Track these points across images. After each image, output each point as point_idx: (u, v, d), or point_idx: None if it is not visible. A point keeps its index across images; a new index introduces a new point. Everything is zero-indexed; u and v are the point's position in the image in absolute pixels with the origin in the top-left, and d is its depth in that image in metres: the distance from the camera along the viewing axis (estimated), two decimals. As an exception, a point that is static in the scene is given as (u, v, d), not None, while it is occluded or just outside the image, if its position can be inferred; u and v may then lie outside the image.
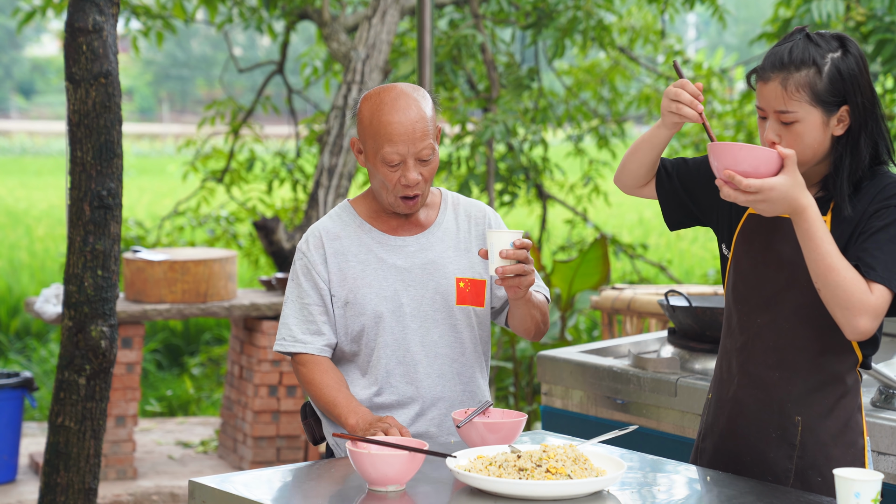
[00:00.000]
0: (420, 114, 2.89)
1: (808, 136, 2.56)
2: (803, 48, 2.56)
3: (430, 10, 4.93)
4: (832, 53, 2.56)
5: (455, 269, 3.00)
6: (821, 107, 2.55)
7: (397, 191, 2.92)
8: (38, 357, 9.05)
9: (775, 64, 2.57)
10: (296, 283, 3.01)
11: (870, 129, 2.59)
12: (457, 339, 3.00)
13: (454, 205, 3.09)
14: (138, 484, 5.94)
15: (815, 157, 2.60)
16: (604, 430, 3.36)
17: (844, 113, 2.57)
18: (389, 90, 2.92)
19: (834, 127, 2.58)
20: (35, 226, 14.35)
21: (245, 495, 2.49)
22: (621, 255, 9.07)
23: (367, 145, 2.93)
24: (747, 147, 2.46)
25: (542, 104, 8.45)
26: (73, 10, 3.81)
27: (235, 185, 9.01)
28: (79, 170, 3.85)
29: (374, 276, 2.97)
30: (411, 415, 2.97)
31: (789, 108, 2.55)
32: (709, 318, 3.70)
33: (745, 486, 2.61)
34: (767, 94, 2.58)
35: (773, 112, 2.57)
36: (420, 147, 2.89)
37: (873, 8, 6.53)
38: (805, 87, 2.54)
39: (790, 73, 2.54)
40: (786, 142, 2.57)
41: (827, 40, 2.58)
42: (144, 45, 12.20)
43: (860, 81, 2.57)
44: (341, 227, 3.02)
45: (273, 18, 8.34)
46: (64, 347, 3.91)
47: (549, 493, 2.41)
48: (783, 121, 2.56)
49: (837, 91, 2.55)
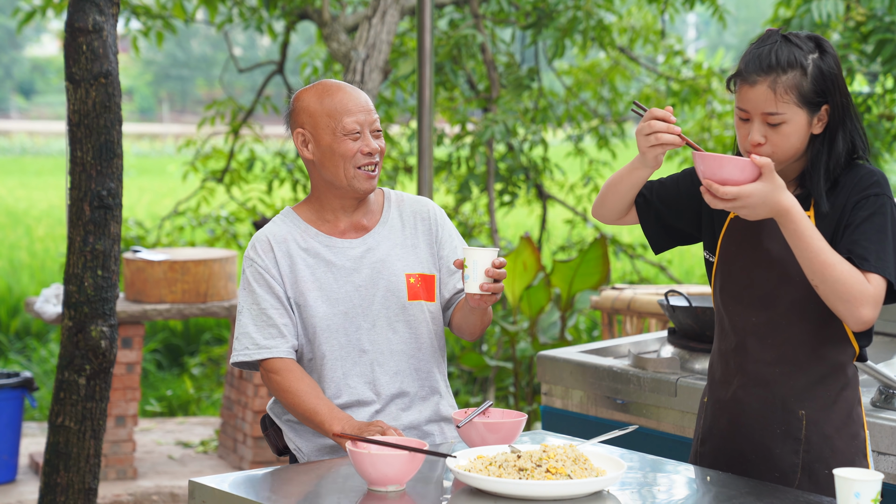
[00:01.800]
0: (361, 91, 3.01)
1: (794, 136, 2.61)
2: (788, 51, 2.59)
3: (430, 10, 4.93)
4: (812, 54, 2.60)
5: (403, 265, 3.02)
6: (806, 107, 2.59)
7: (357, 160, 2.96)
8: (38, 357, 9.05)
9: (763, 67, 2.59)
10: (248, 291, 2.98)
11: (847, 127, 2.64)
12: (412, 335, 3.01)
13: (398, 202, 3.11)
14: (138, 484, 5.94)
15: (796, 155, 2.64)
16: (604, 430, 3.36)
17: (824, 112, 2.62)
18: (325, 81, 3.03)
19: (814, 126, 2.62)
20: (35, 226, 14.35)
21: (245, 495, 2.49)
22: (621, 255, 9.07)
23: (321, 126, 2.97)
24: (724, 157, 2.51)
25: (542, 104, 8.45)
26: (73, 10, 3.81)
27: (235, 185, 9.01)
28: (79, 170, 3.85)
29: (323, 279, 2.98)
30: (370, 413, 2.98)
31: (778, 110, 2.58)
32: (709, 318, 3.70)
33: (744, 485, 2.61)
34: (754, 97, 2.60)
35: (759, 114, 2.60)
36: (373, 118, 2.99)
37: (873, 8, 6.54)
38: (793, 89, 2.58)
39: (778, 76, 2.57)
40: (771, 142, 2.60)
41: (804, 41, 2.62)
42: (144, 45, 12.20)
43: (838, 81, 2.62)
44: (287, 231, 3.02)
45: (273, 18, 8.33)
46: (64, 347, 3.91)
47: (549, 493, 2.41)
48: (771, 122, 2.59)
49: (820, 91, 2.60)
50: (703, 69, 8.71)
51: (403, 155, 8.75)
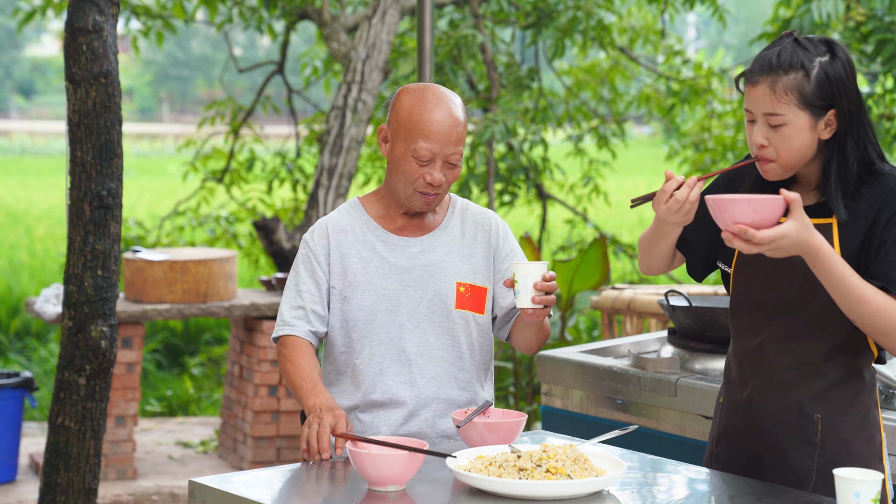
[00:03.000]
0: (458, 119, 2.92)
1: (796, 138, 2.58)
2: (791, 52, 2.58)
3: (430, 10, 4.93)
4: (820, 57, 2.58)
5: (456, 273, 3.01)
6: (808, 110, 2.57)
7: (417, 186, 2.93)
8: (38, 357, 9.05)
9: (764, 67, 2.59)
10: (295, 272, 3.03)
11: (856, 134, 2.61)
12: (453, 343, 3.00)
13: (462, 210, 3.09)
14: (138, 484, 5.94)
15: (803, 160, 2.62)
16: (604, 430, 3.36)
17: (832, 117, 2.59)
18: (433, 88, 2.94)
19: (821, 131, 2.60)
20: (35, 226, 14.35)
21: (245, 495, 2.49)
22: (621, 255, 9.07)
23: (399, 136, 2.93)
24: (754, 199, 2.41)
25: (542, 104, 8.45)
26: (73, 10, 3.81)
27: (235, 185, 9.01)
28: (79, 170, 3.85)
29: (374, 274, 2.97)
30: (404, 414, 2.97)
31: (777, 110, 2.57)
32: (709, 318, 3.70)
33: (744, 485, 2.61)
34: (756, 96, 2.60)
35: (761, 115, 2.60)
36: (452, 150, 2.91)
37: (873, 8, 6.53)
38: (793, 90, 2.56)
39: (778, 77, 2.57)
40: (773, 144, 2.60)
41: (815, 45, 2.60)
42: (144, 45, 12.21)
43: (847, 86, 2.59)
44: (348, 222, 3.03)
45: (273, 18, 8.33)
46: (64, 347, 3.91)
47: (549, 493, 2.41)
48: (771, 123, 2.58)
49: (825, 95, 2.57)
50: (703, 69, 8.71)
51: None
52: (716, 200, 2.44)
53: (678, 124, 9.42)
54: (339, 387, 3.02)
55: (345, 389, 3.01)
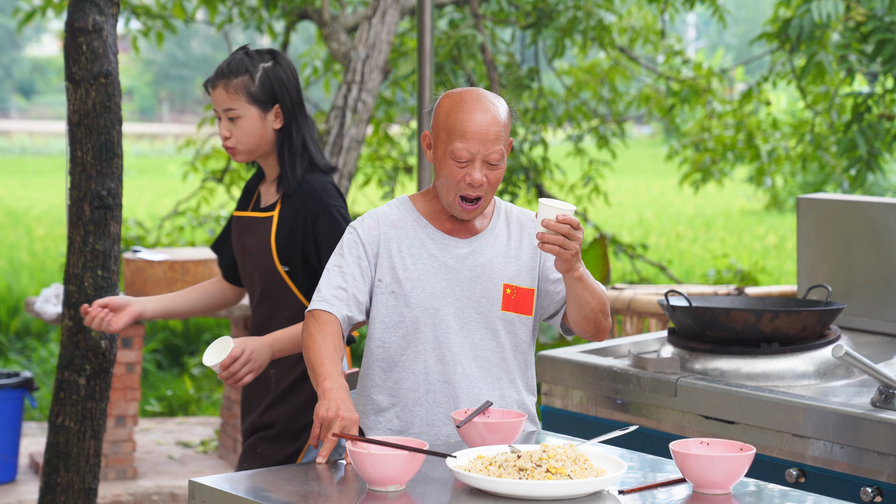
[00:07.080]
0: (496, 118, 2.91)
1: (250, 126, 3.32)
2: (239, 60, 3.32)
3: (430, 10, 4.93)
4: (264, 63, 3.33)
5: (503, 275, 3.01)
6: (257, 105, 3.31)
7: (459, 188, 2.92)
8: (38, 357, 9.04)
9: (218, 74, 3.33)
10: (339, 254, 2.99)
11: (299, 123, 3.37)
12: (498, 345, 3.00)
13: (507, 213, 3.09)
14: (138, 484, 5.94)
15: (260, 146, 3.35)
16: (604, 430, 3.36)
17: (278, 110, 3.34)
18: (472, 91, 2.95)
19: (272, 122, 3.35)
20: (35, 226, 14.36)
21: (245, 495, 2.49)
22: (621, 255, 9.07)
23: (439, 139, 2.93)
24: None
25: (542, 104, 8.45)
26: (73, 10, 3.81)
27: (235, 185, 9.00)
28: (79, 170, 3.85)
29: (423, 271, 2.97)
30: (445, 413, 2.97)
31: (231, 105, 3.30)
32: (709, 318, 3.70)
33: (744, 485, 2.61)
34: (216, 97, 3.33)
35: (222, 111, 3.32)
36: (490, 149, 2.90)
37: (873, 8, 6.54)
38: (241, 89, 3.31)
39: (229, 80, 3.31)
40: (234, 135, 3.32)
41: (261, 54, 3.35)
42: (144, 45, 12.18)
43: (287, 85, 3.34)
44: (399, 216, 3.02)
45: (273, 18, 8.33)
46: (64, 347, 3.91)
47: (549, 493, 2.41)
48: (230, 117, 3.31)
49: (268, 92, 3.32)
50: (702, 69, 8.71)
51: (403, 155, 8.75)
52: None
53: (678, 124, 9.43)
54: (374, 381, 3.01)
55: (381, 385, 3.00)
